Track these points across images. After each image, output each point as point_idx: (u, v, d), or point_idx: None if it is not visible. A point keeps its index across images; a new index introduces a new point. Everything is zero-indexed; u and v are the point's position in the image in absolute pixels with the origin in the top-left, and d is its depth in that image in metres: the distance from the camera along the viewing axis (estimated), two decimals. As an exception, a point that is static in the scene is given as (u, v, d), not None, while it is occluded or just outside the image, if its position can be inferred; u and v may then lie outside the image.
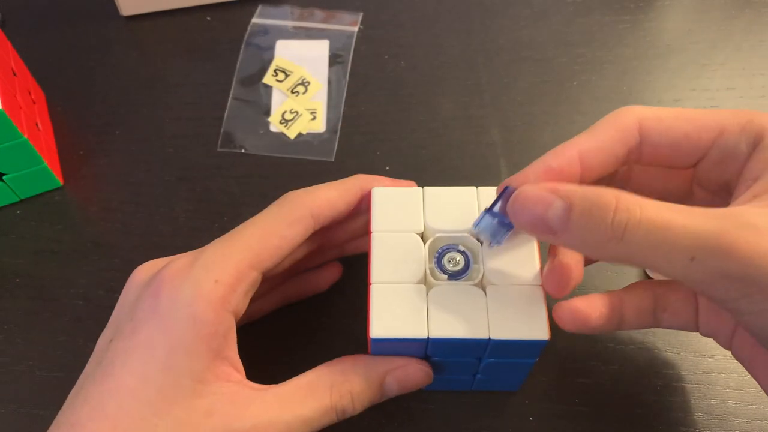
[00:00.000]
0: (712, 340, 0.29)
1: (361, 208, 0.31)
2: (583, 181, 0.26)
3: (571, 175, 0.26)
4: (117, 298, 0.36)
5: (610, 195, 0.22)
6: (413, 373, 0.29)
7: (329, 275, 0.35)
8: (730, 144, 0.25)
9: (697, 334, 0.28)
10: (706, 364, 0.33)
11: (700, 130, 0.25)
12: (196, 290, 0.26)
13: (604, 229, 0.22)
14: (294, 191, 0.30)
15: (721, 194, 0.27)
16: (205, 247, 0.28)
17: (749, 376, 0.28)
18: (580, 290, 0.36)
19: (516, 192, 0.24)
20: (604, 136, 0.26)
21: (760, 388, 0.33)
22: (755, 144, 0.24)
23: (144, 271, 0.29)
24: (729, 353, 0.33)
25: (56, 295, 0.37)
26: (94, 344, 0.35)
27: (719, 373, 0.33)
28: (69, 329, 0.36)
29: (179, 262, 0.27)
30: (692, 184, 0.28)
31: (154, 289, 0.26)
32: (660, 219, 0.21)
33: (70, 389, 0.28)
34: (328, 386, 0.27)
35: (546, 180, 0.26)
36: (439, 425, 0.32)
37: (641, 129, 0.26)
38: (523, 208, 0.24)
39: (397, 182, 0.32)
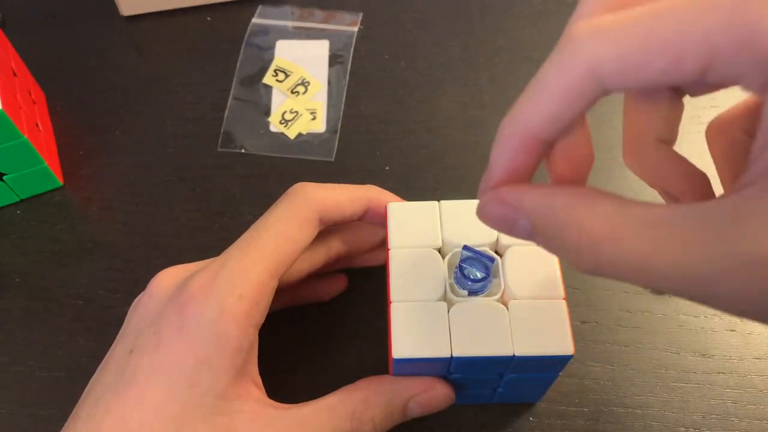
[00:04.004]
0: (712, 340, 0.28)
1: (375, 220, 0.31)
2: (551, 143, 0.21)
3: (532, 159, 0.21)
4: (117, 298, 0.36)
5: (571, 228, 0.18)
6: (436, 397, 0.28)
7: (334, 287, 0.35)
8: (730, 75, 0.16)
9: (698, 334, 0.28)
10: (706, 364, 0.33)
11: (682, 59, 0.16)
12: (221, 307, 0.26)
13: (575, 263, 0.19)
14: (302, 185, 0.30)
15: None
16: (224, 256, 0.28)
17: (749, 375, 0.27)
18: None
19: (478, 208, 0.22)
20: (550, 105, 0.19)
21: (760, 388, 0.33)
22: (764, 71, 0.15)
23: (166, 281, 0.28)
24: (729, 353, 0.34)
25: (56, 295, 0.37)
26: (94, 344, 0.35)
27: (719, 373, 0.33)
28: (69, 329, 0.36)
29: (202, 276, 0.27)
30: None
31: (179, 307, 0.26)
32: (639, 256, 0.17)
33: (70, 389, 0.28)
34: (349, 412, 0.27)
35: (509, 180, 0.21)
36: (439, 425, 0.32)
37: (597, 78, 0.18)
38: (489, 223, 0.22)
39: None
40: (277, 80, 0.44)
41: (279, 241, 0.28)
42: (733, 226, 0.16)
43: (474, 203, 0.29)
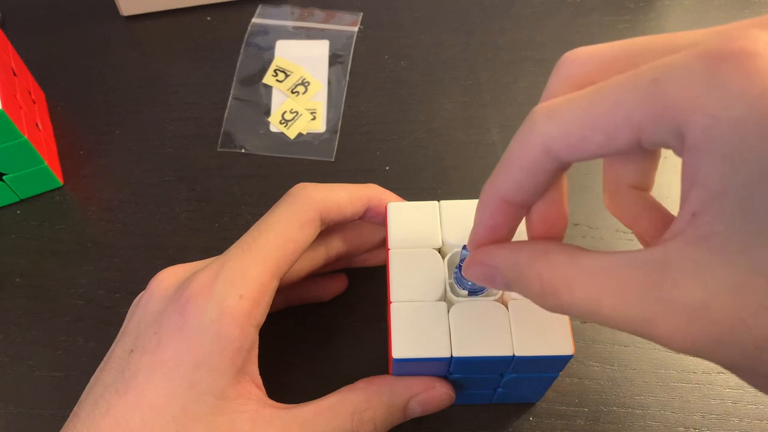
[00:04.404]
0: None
1: (375, 219, 0.31)
2: (527, 208, 0.23)
3: (510, 219, 0.23)
4: (117, 299, 0.36)
5: (533, 279, 0.21)
6: (437, 396, 0.29)
7: (334, 287, 0.35)
8: (659, 142, 0.18)
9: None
10: (706, 364, 0.33)
11: (614, 134, 0.19)
12: (221, 307, 0.26)
13: (544, 306, 0.21)
14: (303, 185, 0.30)
15: None
16: (225, 256, 0.28)
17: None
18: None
19: (462, 268, 0.25)
20: (516, 175, 0.21)
21: None
22: (681, 139, 0.18)
23: (166, 281, 0.28)
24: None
25: (56, 295, 0.37)
26: (94, 344, 0.35)
27: (719, 373, 0.33)
28: (69, 329, 0.36)
29: (202, 276, 0.27)
30: None
31: (180, 307, 0.26)
32: (589, 302, 0.19)
33: (70, 389, 0.28)
34: (350, 412, 0.27)
35: (492, 236, 0.23)
36: (439, 425, 0.32)
37: (550, 153, 0.20)
38: (474, 280, 0.24)
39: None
40: (277, 80, 0.44)
41: (280, 241, 0.28)
42: (659, 275, 0.18)
43: (474, 203, 0.29)
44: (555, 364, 0.27)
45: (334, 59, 0.45)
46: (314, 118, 0.42)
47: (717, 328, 0.17)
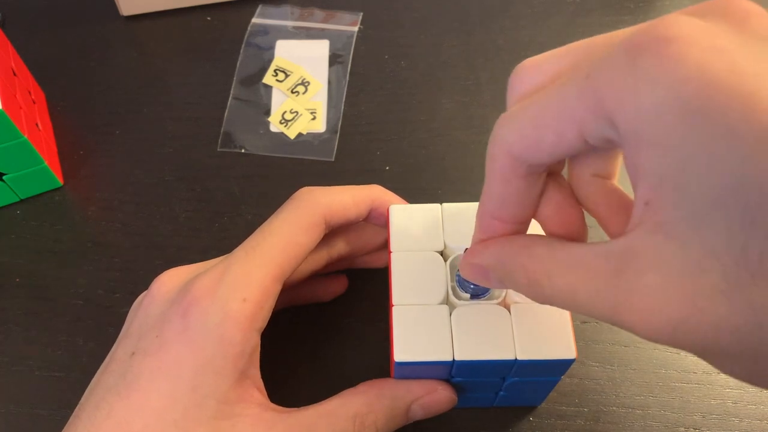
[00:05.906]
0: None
1: (379, 221, 0.31)
2: (525, 220, 0.23)
3: (505, 232, 0.23)
4: (117, 299, 0.36)
5: (518, 272, 0.21)
6: (439, 400, 0.28)
7: (335, 287, 0.35)
8: (603, 138, 0.19)
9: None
10: (706, 364, 0.33)
11: (562, 132, 0.19)
12: (224, 311, 0.26)
13: (531, 298, 0.22)
14: (308, 189, 0.30)
15: None
16: (229, 259, 0.27)
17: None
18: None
19: (459, 266, 0.25)
20: (495, 188, 0.22)
21: (760, 388, 0.33)
22: (617, 130, 0.18)
23: (168, 283, 0.28)
24: (729, 353, 0.33)
25: (56, 295, 0.37)
26: (94, 344, 0.35)
27: (719, 373, 0.33)
28: (69, 329, 0.36)
29: (206, 279, 0.27)
30: None
31: (183, 310, 0.26)
32: (567, 291, 0.20)
33: (70, 389, 0.28)
34: (351, 416, 0.27)
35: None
36: (438, 425, 0.32)
37: (514, 157, 0.21)
38: (470, 279, 0.25)
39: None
40: (277, 80, 0.44)
41: (284, 245, 0.28)
42: (624, 264, 0.18)
43: (475, 205, 0.29)
44: (557, 367, 0.27)
45: (334, 59, 0.45)
46: (314, 118, 0.42)
47: (675, 314, 0.17)
